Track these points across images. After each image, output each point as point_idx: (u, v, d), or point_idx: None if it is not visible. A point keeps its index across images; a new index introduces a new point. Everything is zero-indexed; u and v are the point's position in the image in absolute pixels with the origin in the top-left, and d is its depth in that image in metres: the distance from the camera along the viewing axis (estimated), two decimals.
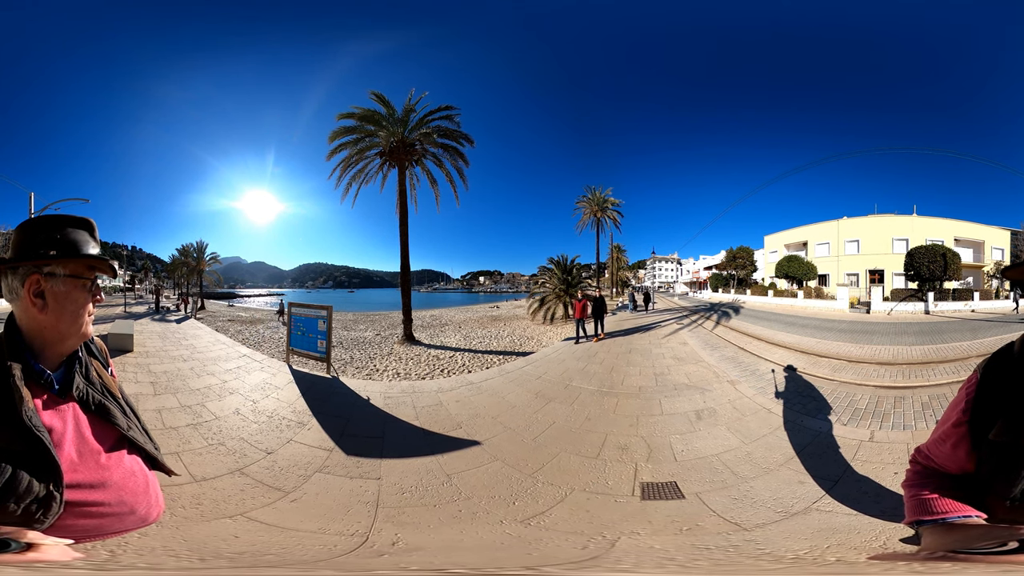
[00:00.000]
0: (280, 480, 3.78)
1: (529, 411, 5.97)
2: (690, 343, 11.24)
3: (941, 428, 1.22)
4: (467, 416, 5.79)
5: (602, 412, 5.82)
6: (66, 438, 1.22)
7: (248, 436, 4.72)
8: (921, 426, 4.94)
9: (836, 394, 6.12)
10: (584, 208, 40.62)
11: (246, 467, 3.98)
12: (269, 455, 4.28)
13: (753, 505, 3.43)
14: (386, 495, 3.63)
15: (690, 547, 2.84)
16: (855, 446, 4.39)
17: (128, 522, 1.34)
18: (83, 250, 1.29)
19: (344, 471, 4.05)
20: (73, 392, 1.29)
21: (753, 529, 3.07)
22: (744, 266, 46.30)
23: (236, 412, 5.45)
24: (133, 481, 1.37)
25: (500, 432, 5.21)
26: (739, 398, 6.07)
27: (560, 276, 22.21)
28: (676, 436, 4.88)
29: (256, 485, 3.65)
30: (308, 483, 3.79)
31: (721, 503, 3.47)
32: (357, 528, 3.08)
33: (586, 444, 4.74)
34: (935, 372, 7.43)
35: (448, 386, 7.61)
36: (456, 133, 17.52)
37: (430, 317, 24.88)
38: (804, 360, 8.65)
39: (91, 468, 1.26)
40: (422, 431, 5.25)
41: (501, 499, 3.62)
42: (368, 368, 10.44)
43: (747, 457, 4.29)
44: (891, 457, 4.14)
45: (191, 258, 32.18)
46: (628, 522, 3.24)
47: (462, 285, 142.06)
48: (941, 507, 1.12)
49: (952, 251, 26.87)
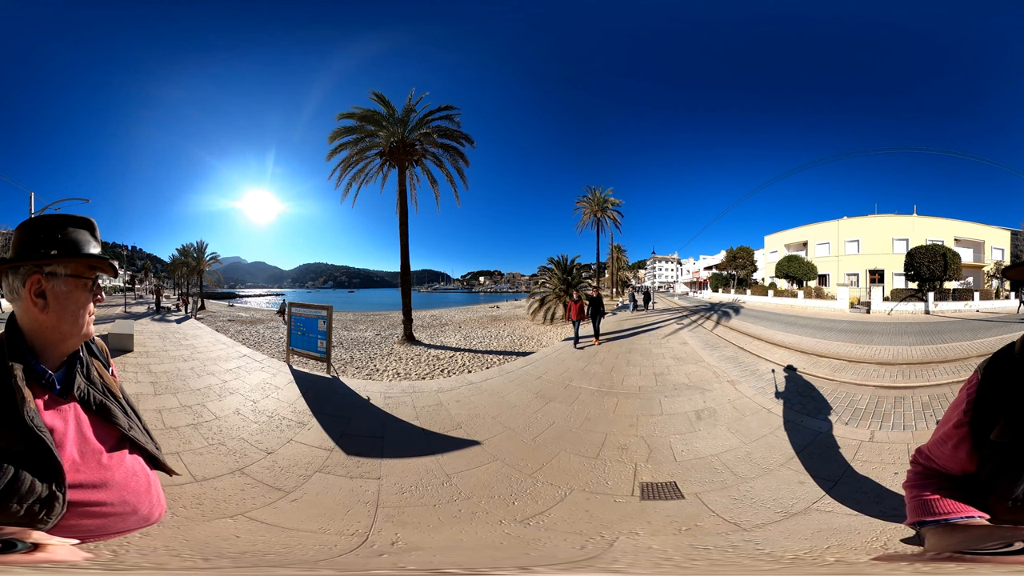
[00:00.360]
0: (280, 480, 3.79)
1: (529, 411, 5.98)
2: (690, 343, 11.24)
3: (942, 429, 1.22)
4: (467, 416, 5.79)
5: (602, 412, 5.82)
6: (68, 438, 1.22)
7: (248, 436, 4.72)
8: (921, 426, 4.93)
9: (836, 394, 6.12)
10: (584, 208, 40.62)
11: (246, 467, 3.99)
12: (269, 455, 4.28)
13: (753, 505, 3.43)
14: (386, 495, 3.63)
15: (688, 547, 2.84)
16: (855, 446, 4.39)
17: (131, 522, 1.33)
18: (84, 249, 1.29)
19: (344, 471, 4.05)
20: (74, 392, 1.29)
21: (752, 529, 3.07)
22: (744, 266, 46.31)
23: (236, 412, 5.47)
24: (135, 481, 1.37)
25: (500, 432, 5.21)
26: (739, 398, 6.08)
27: (560, 276, 22.22)
28: (676, 436, 4.88)
29: (256, 485, 3.66)
30: (308, 483, 3.79)
31: (721, 503, 3.47)
32: (357, 528, 3.09)
33: (586, 444, 4.74)
34: (935, 372, 7.42)
35: (448, 386, 7.61)
36: (456, 133, 17.51)
37: (430, 317, 24.84)
38: (804, 360, 8.64)
39: (93, 468, 1.26)
40: (422, 431, 5.26)
41: (500, 499, 3.62)
42: (368, 368, 10.43)
43: (747, 457, 4.29)
44: (891, 457, 4.14)
45: (191, 258, 32.17)
46: (627, 522, 3.24)
47: (462, 285, 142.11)
48: (943, 508, 1.12)
49: (952, 251, 26.85)
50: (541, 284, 23.92)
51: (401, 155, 16.79)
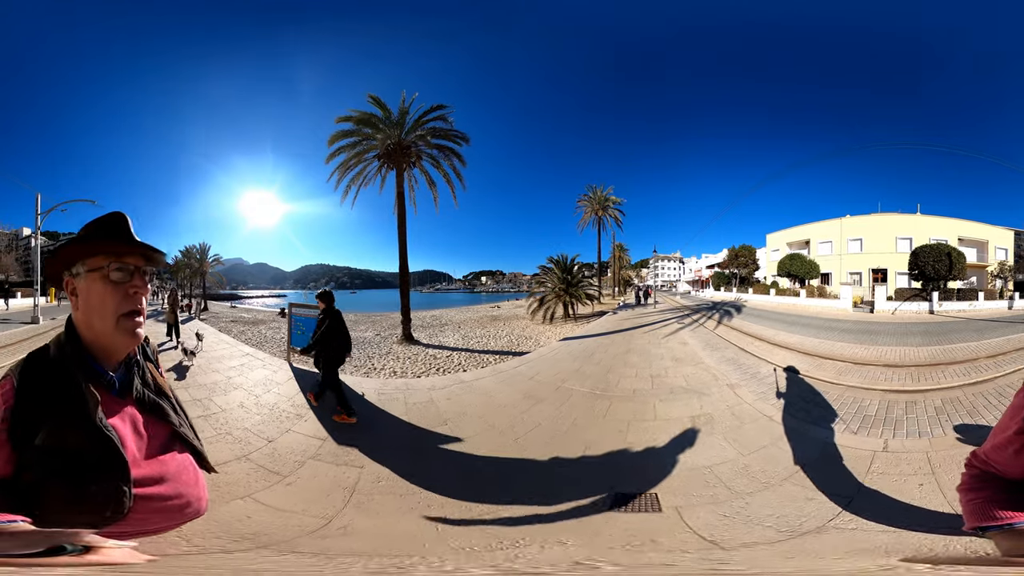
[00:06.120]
0: (279, 465, 4.11)
1: (516, 411, 5.82)
2: (690, 343, 11.00)
3: (1001, 435, 1.18)
4: (454, 414, 5.83)
5: (591, 416, 5.57)
6: (128, 437, 1.26)
7: (251, 426, 5.08)
8: (938, 432, 4.65)
9: (843, 399, 5.84)
10: (585, 207, 40.34)
11: (250, 454, 4.32)
12: (270, 443, 4.63)
13: (746, 523, 3.13)
14: (364, 482, 3.83)
15: (616, 563, 2.52)
16: (868, 457, 4.08)
17: (186, 515, 1.39)
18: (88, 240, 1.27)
19: (333, 458, 4.32)
20: (132, 393, 1.33)
21: (735, 549, 2.79)
22: (746, 264, 46.06)
23: (240, 405, 5.88)
24: (187, 475, 1.42)
25: (484, 431, 5.19)
26: (739, 404, 5.77)
27: (560, 275, 22.01)
28: (667, 444, 4.59)
29: (258, 469, 3.97)
30: (302, 468, 4.09)
31: (703, 520, 3.17)
32: (327, 512, 3.29)
33: (568, 448, 4.52)
34: (945, 374, 7.17)
35: (441, 384, 7.68)
36: (451, 132, 17.53)
37: (430, 317, 24.76)
38: (808, 362, 8.40)
39: (152, 464, 1.31)
40: (410, 426, 5.41)
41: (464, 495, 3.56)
42: (366, 366, 10.43)
43: (744, 470, 3.97)
44: (911, 468, 3.83)
45: (194, 260, 32.11)
46: (566, 532, 3.04)
47: (464, 285, 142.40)
48: (1006, 513, 1.10)
49: (957, 250, 26.54)
50: (540, 283, 23.67)
51: (398, 157, 16.83)
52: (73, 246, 1.25)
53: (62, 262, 1.26)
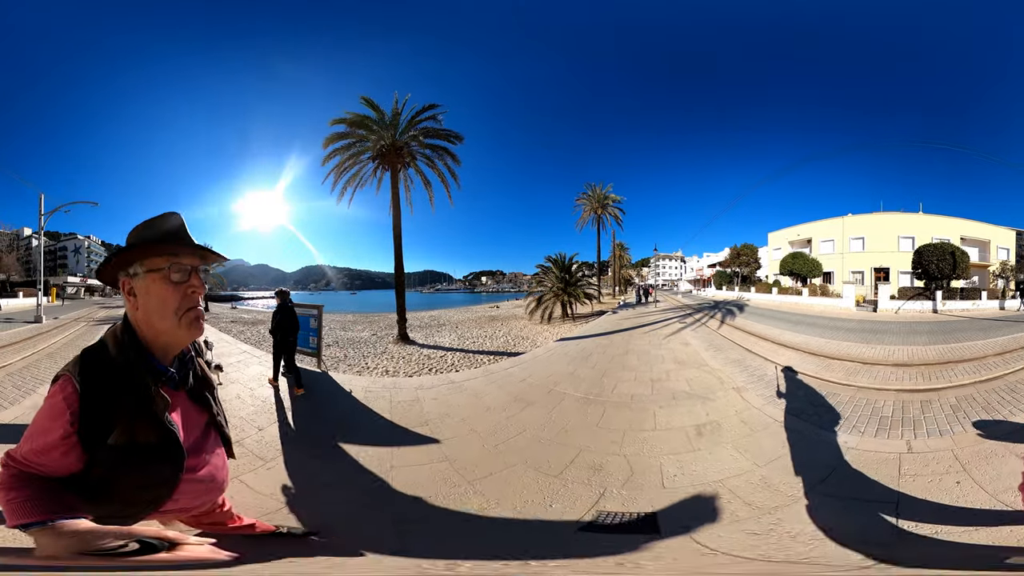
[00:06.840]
0: (264, 451, 4.41)
1: (503, 415, 5.51)
2: (693, 344, 10.71)
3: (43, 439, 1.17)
4: (437, 414, 5.67)
5: (583, 423, 5.20)
6: (181, 427, 1.35)
7: (246, 416, 5.46)
8: (959, 430, 4.40)
9: (855, 401, 5.55)
10: (584, 205, 39.98)
11: (243, 440, 4.63)
12: (260, 431, 4.97)
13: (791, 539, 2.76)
14: (328, 475, 3.96)
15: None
16: (895, 460, 3.79)
17: (214, 494, 1.54)
18: (152, 241, 1.30)
19: (308, 450, 4.52)
20: (185, 385, 1.43)
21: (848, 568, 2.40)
22: (748, 263, 45.81)
23: (237, 397, 6.30)
24: (218, 458, 1.55)
25: (463, 433, 4.96)
26: (747, 409, 5.44)
27: (558, 275, 21.75)
28: (669, 456, 4.18)
29: (247, 454, 4.28)
30: (282, 455, 4.32)
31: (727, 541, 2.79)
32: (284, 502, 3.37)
33: (552, 459, 4.13)
34: (955, 372, 7.00)
35: (429, 384, 7.53)
36: (443, 132, 17.44)
37: (428, 318, 24.60)
38: (815, 363, 8.12)
39: (198, 451, 1.43)
40: (390, 423, 5.42)
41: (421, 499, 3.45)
42: (359, 366, 10.31)
43: (763, 483, 3.58)
44: (942, 467, 3.58)
45: None
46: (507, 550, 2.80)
47: (464, 285, 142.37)
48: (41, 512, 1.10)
49: (961, 250, 26.31)
50: (539, 283, 23.39)
51: (392, 158, 16.78)
52: (136, 249, 1.27)
53: (121, 263, 1.28)
